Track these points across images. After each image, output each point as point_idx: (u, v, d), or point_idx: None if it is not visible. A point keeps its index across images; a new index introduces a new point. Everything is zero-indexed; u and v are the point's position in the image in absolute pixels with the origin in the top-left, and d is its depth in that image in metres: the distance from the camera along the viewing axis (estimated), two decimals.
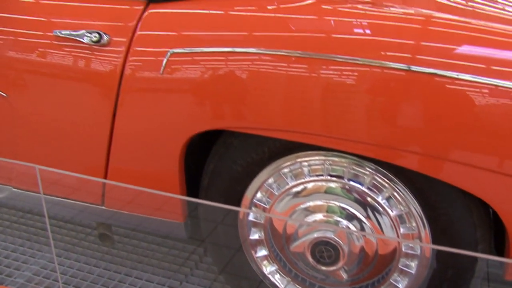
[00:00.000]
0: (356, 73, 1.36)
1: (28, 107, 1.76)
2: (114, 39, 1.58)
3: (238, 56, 1.46)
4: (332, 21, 1.46)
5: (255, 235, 1.71)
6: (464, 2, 1.63)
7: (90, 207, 1.80)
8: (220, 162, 1.63)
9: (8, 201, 1.98)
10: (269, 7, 1.53)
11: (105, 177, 1.73)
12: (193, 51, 1.49)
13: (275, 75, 1.43)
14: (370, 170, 1.50)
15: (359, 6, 1.48)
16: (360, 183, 1.53)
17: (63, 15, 1.69)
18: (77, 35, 1.60)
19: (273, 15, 1.51)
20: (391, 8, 1.49)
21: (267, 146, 1.55)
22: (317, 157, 1.54)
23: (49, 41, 1.65)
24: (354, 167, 1.51)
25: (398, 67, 1.33)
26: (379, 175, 1.49)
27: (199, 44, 1.50)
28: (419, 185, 1.45)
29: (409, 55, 1.34)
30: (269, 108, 1.47)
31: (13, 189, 1.93)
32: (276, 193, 1.62)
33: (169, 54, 1.50)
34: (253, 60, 1.45)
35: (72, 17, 1.66)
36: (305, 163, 1.56)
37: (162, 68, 1.51)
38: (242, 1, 1.56)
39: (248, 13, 1.53)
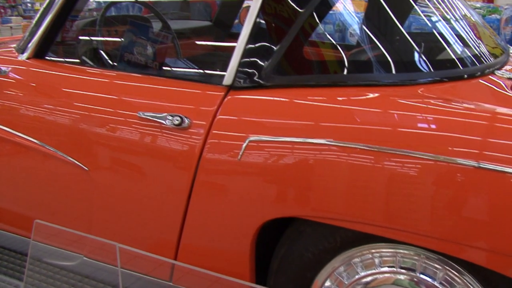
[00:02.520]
0: (422, 167, 1.37)
1: (107, 181, 1.84)
2: (195, 122, 1.64)
3: (310, 146, 1.49)
4: (401, 115, 1.47)
5: None
6: None
7: (158, 282, 1.83)
8: (291, 247, 1.63)
9: (79, 269, 2.02)
10: (339, 98, 1.56)
11: (176, 253, 1.76)
12: (270, 139, 1.53)
13: (343, 167, 1.45)
14: (442, 264, 1.46)
15: (430, 101, 1.50)
16: (431, 277, 1.50)
17: (147, 97, 1.77)
18: (160, 118, 1.67)
19: (345, 107, 1.54)
20: (460, 104, 1.50)
21: (340, 235, 1.55)
22: (388, 249, 1.53)
23: (132, 121, 1.73)
24: (426, 261, 1.49)
25: (466, 163, 1.32)
26: (451, 269, 1.46)
27: (276, 133, 1.53)
28: (495, 283, 1.41)
29: (476, 151, 1.33)
30: (338, 198, 1.48)
31: (85, 258, 1.99)
32: (346, 282, 1.60)
33: (247, 141, 1.55)
34: (324, 151, 1.47)
35: (155, 100, 1.74)
36: (377, 254, 1.55)
37: (240, 154, 1.55)
38: (317, 91, 1.60)
39: (321, 104, 1.56)
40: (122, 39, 2.12)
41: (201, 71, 2.18)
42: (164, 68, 2.31)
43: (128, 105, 1.77)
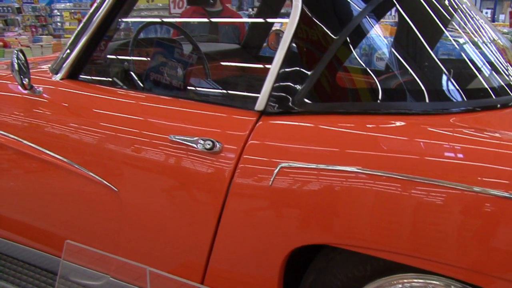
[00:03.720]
0: (451, 197, 1.36)
1: (137, 203, 1.85)
2: (226, 146, 1.65)
3: (340, 174, 1.48)
4: (431, 144, 1.46)
5: None
6: None
7: None
8: (320, 275, 1.62)
9: None
10: (371, 126, 1.56)
11: (203, 277, 1.76)
12: (302, 166, 1.53)
13: (372, 195, 1.44)
14: None
15: (462, 130, 1.49)
16: None
17: (178, 120, 1.79)
18: (191, 141, 1.68)
19: (376, 135, 1.54)
20: (492, 134, 1.48)
21: (370, 264, 1.54)
22: (419, 279, 1.50)
23: (164, 144, 1.74)
24: None
25: (496, 193, 1.31)
26: None
27: (308, 159, 1.53)
28: None
29: (507, 182, 1.32)
30: (366, 226, 1.47)
31: (111, 278, 1.99)
32: None
33: (279, 166, 1.54)
34: (353, 178, 1.47)
35: (187, 123, 1.75)
36: (407, 285, 1.52)
37: (271, 180, 1.55)
38: (349, 119, 1.59)
39: (353, 131, 1.56)
40: (153, 61, 2.15)
41: (232, 95, 2.19)
42: (194, 91, 2.34)
43: (159, 128, 1.79)
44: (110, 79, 2.19)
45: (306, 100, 1.63)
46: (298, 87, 1.63)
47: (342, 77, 1.76)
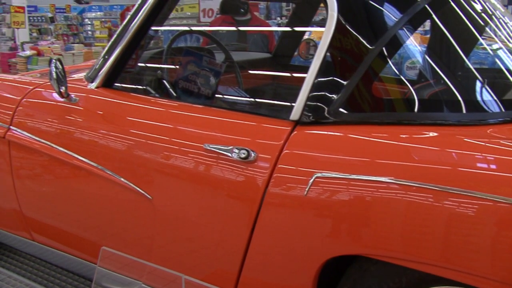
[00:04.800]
0: (485, 208, 1.34)
1: (171, 211, 1.86)
2: (261, 155, 1.65)
3: (375, 184, 1.47)
4: (467, 155, 1.44)
5: None
6: None
7: None
8: (354, 286, 1.61)
9: None
10: (406, 137, 1.54)
11: (236, 286, 1.76)
12: (337, 176, 1.52)
13: (407, 206, 1.43)
14: None
15: (499, 141, 1.48)
16: None
17: (213, 129, 1.80)
18: (226, 150, 1.69)
19: (411, 145, 1.52)
20: None
21: (405, 276, 1.52)
22: None
23: (198, 152, 1.76)
24: None
25: None
26: None
27: (343, 170, 1.52)
28: None
29: None
30: (400, 237, 1.46)
31: (143, 285, 2.01)
32: None
33: (314, 176, 1.54)
34: (388, 189, 1.46)
35: (221, 132, 1.76)
36: None
37: (306, 189, 1.55)
38: (384, 129, 1.58)
39: (388, 142, 1.55)
40: (186, 70, 2.17)
41: (266, 104, 2.19)
42: (227, 99, 2.35)
43: (193, 137, 1.80)
44: (143, 88, 2.22)
45: (342, 110, 1.62)
46: (333, 97, 1.63)
47: (377, 87, 1.75)
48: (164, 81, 2.18)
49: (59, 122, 2.14)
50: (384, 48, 1.65)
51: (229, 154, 1.68)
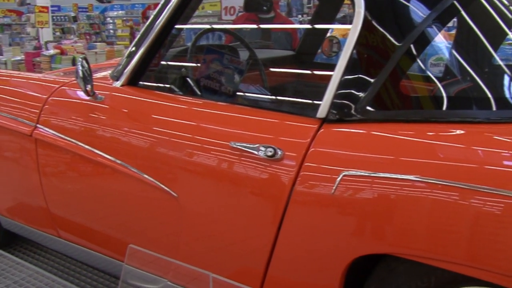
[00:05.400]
0: None
1: (196, 209, 1.86)
2: (287, 153, 1.64)
3: (402, 182, 1.46)
4: (495, 153, 1.42)
5: None
6: None
7: None
8: (381, 285, 1.59)
9: None
10: (434, 134, 1.53)
11: (262, 284, 1.75)
12: (364, 174, 1.51)
13: (434, 204, 1.41)
14: None
15: None
16: None
17: (238, 127, 1.79)
18: (252, 148, 1.69)
19: (440, 143, 1.50)
20: None
21: (434, 275, 1.50)
22: None
23: (224, 150, 1.75)
24: None
25: None
26: None
27: (370, 168, 1.51)
28: None
29: None
30: (428, 236, 1.44)
31: (169, 283, 2.01)
32: None
33: (342, 175, 1.53)
34: (415, 187, 1.44)
35: (247, 130, 1.76)
36: None
37: (334, 188, 1.53)
38: (412, 127, 1.56)
39: (416, 140, 1.53)
40: (211, 68, 2.17)
41: (291, 102, 2.18)
42: (252, 97, 2.34)
43: (219, 135, 1.80)
44: (168, 85, 2.22)
45: (369, 108, 1.61)
46: (360, 94, 1.61)
47: (404, 85, 1.74)
48: (189, 79, 2.18)
49: (85, 120, 2.15)
50: (412, 45, 1.63)
51: (256, 152, 1.68)
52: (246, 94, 2.24)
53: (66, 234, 2.41)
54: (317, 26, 3.11)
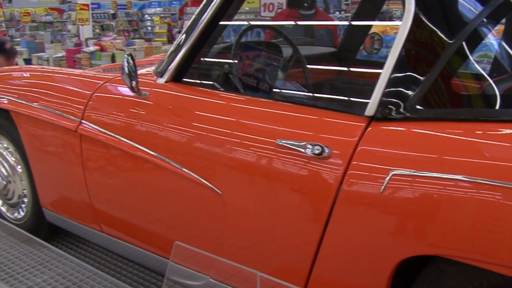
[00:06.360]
0: None
1: (241, 206, 1.85)
2: (335, 152, 1.62)
3: (452, 182, 1.42)
4: None
5: None
6: None
7: None
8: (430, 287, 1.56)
9: None
10: (486, 133, 1.48)
11: (306, 284, 1.74)
12: (414, 173, 1.47)
13: (486, 205, 1.37)
14: None
15: None
16: None
17: (285, 125, 1.78)
18: (299, 146, 1.67)
19: (491, 142, 1.46)
20: None
21: (486, 279, 1.46)
22: None
23: (270, 148, 1.74)
24: None
25: None
26: None
27: (420, 167, 1.47)
28: None
29: None
30: (480, 238, 1.39)
31: (211, 280, 2.01)
32: None
33: (391, 174, 1.50)
34: (466, 188, 1.40)
35: (293, 128, 1.74)
36: None
37: (382, 187, 1.50)
38: (464, 126, 1.52)
39: (467, 139, 1.49)
40: (254, 64, 2.15)
41: (337, 99, 2.15)
42: (296, 94, 2.32)
43: (265, 132, 1.79)
44: (211, 82, 2.22)
45: (418, 106, 1.57)
46: (410, 92, 1.58)
47: (455, 83, 1.69)
48: (232, 76, 2.18)
49: (130, 116, 2.17)
50: (464, 43, 1.59)
51: (302, 150, 1.66)
52: (290, 91, 2.23)
53: (109, 229, 2.44)
54: (364, 23, 3.06)
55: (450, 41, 1.58)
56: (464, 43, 1.59)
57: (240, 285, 1.91)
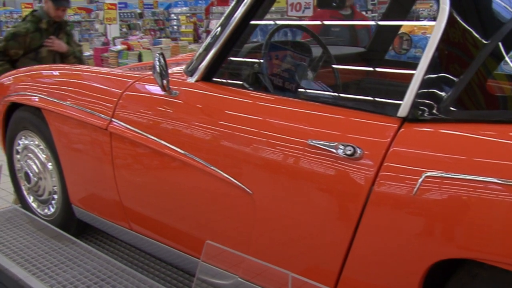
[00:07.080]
0: None
1: (272, 206, 1.85)
2: (367, 153, 1.61)
3: (487, 185, 1.40)
4: None
5: None
6: None
7: None
8: None
9: None
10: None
11: (336, 285, 1.73)
12: (447, 175, 1.46)
13: None
14: None
15: None
16: None
17: (316, 125, 1.77)
18: (331, 146, 1.66)
19: None
20: None
21: None
22: None
23: (302, 148, 1.73)
24: None
25: None
26: None
27: (454, 169, 1.45)
28: None
29: None
30: None
31: (239, 279, 2.01)
32: None
33: (424, 176, 1.48)
34: (500, 191, 1.38)
35: (325, 128, 1.73)
36: None
37: (415, 189, 1.49)
38: (499, 128, 1.49)
39: (501, 140, 1.46)
40: (284, 64, 2.15)
41: (369, 100, 2.14)
42: (327, 95, 2.31)
43: (296, 132, 1.78)
44: (242, 81, 2.22)
45: (452, 108, 1.55)
46: (443, 93, 1.56)
47: (489, 84, 1.67)
48: (262, 75, 2.17)
49: (160, 115, 2.18)
50: (500, 43, 1.56)
51: (334, 151, 1.65)
52: (320, 91, 2.21)
53: (137, 226, 2.46)
54: (398, 22, 3.03)
55: (486, 42, 1.56)
56: (500, 43, 1.56)
57: (268, 285, 1.91)
